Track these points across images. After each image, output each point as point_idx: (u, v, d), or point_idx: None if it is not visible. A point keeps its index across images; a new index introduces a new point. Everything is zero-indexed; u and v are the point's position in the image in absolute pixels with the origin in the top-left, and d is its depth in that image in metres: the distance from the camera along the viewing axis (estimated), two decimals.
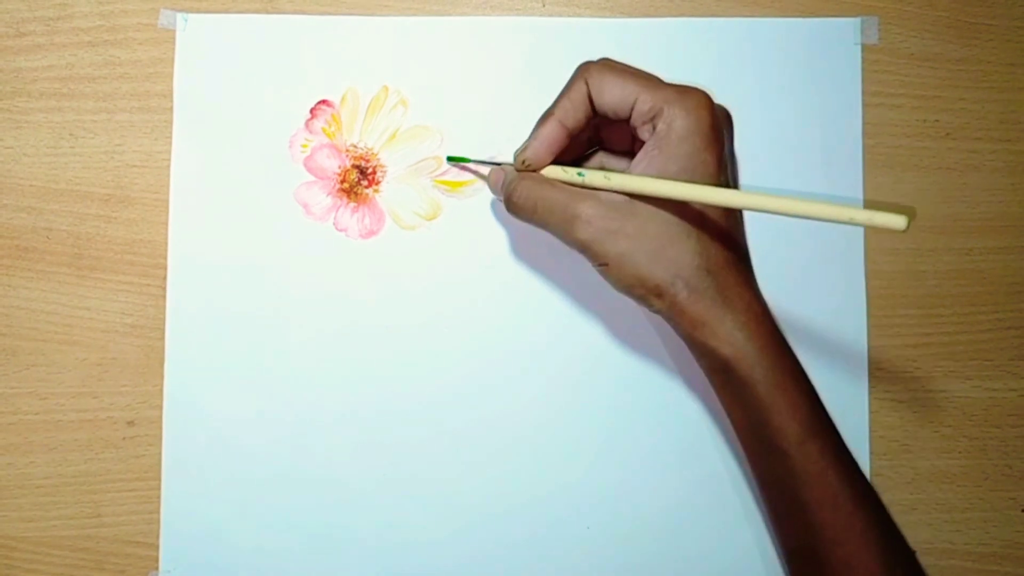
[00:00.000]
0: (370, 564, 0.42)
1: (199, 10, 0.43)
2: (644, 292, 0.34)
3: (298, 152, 0.43)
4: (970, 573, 0.43)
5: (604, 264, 0.35)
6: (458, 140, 0.43)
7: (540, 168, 0.36)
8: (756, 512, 0.42)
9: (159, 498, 0.42)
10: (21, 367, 0.43)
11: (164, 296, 0.42)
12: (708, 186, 0.32)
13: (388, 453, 0.42)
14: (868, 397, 0.43)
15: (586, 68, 0.35)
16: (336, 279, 0.43)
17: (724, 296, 0.34)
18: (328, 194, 0.43)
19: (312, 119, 0.43)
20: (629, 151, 0.37)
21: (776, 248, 0.43)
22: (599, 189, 0.35)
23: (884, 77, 0.43)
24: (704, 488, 0.42)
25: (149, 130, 0.43)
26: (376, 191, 0.43)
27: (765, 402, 0.34)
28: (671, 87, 0.34)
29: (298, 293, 0.43)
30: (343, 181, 0.43)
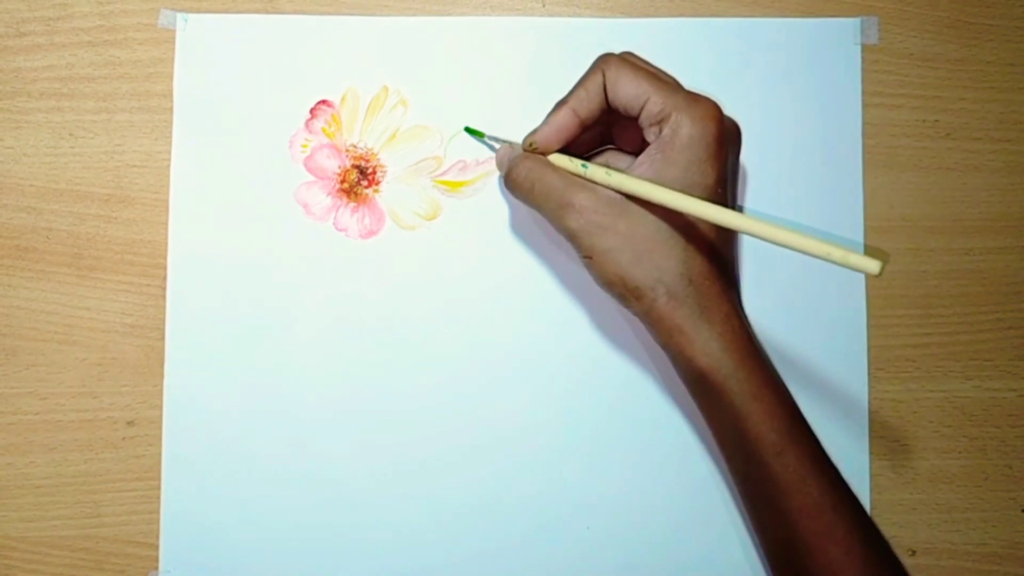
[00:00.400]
0: (370, 564, 0.42)
1: (199, 10, 0.43)
2: (624, 292, 0.35)
3: (298, 152, 0.43)
4: (970, 573, 0.43)
5: (589, 257, 0.35)
6: (458, 140, 0.43)
7: (547, 153, 0.36)
8: None
9: (159, 498, 0.42)
10: (21, 367, 0.43)
11: (164, 296, 0.42)
12: (699, 200, 0.32)
13: (388, 453, 0.42)
14: (868, 397, 0.43)
15: (605, 60, 0.35)
16: (336, 279, 0.43)
17: (703, 307, 0.34)
18: (328, 194, 0.43)
19: (312, 119, 0.43)
20: (638, 152, 0.37)
21: (776, 248, 0.42)
22: (598, 184, 0.35)
23: (884, 77, 0.43)
24: (705, 488, 0.42)
25: (149, 130, 0.43)
26: (376, 191, 0.43)
27: (742, 412, 0.34)
28: (683, 93, 0.34)
29: (298, 293, 0.43)
30: (343, 181, 0.43)
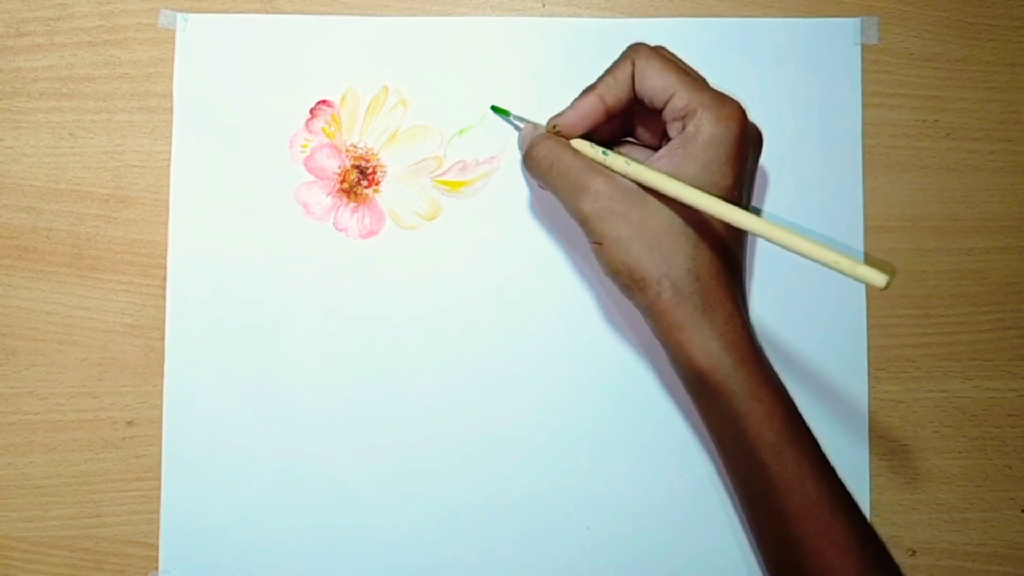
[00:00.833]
0: (370, 563, 0.42)
1: (199, 10, 0.43)
2: (629, 282, 0.35)
3: (298, 152, 0.43)
4: (970, 573, 0.43)
5: (599, 243, 0.35)
6: (458, 140, 0.43)
7: (570, 137, 0.36)
8: None
9: (159, 498, 0.42)
10: (21, 367, 0.42)
11: (164, 296, 0.42)
12: (714, 197, 0.32)
13: (388, 453, 0.42)
14: (868, 397, 0.43)
15: (636, 50, 0.35)
16: (336, 279, 0.43)
17: (707, 304, 0.34)
18: (328, 194, 0.43)
19: (312, 119, 0.43)
20: (658, 148, 0.36)
21: (777, 248, 0.42)
22: (616, 172, 0.35)
23: (884, 77, 0.43)
24: (704, 488, 0.42)
25: (149, 130, 0.43)
26: (376, 191, 0.43)
27: (740, 411, 0.34)
28: (709, 92, 0.34)
29: (298, 293, 0.42)
30: (343, 181, 0.43)
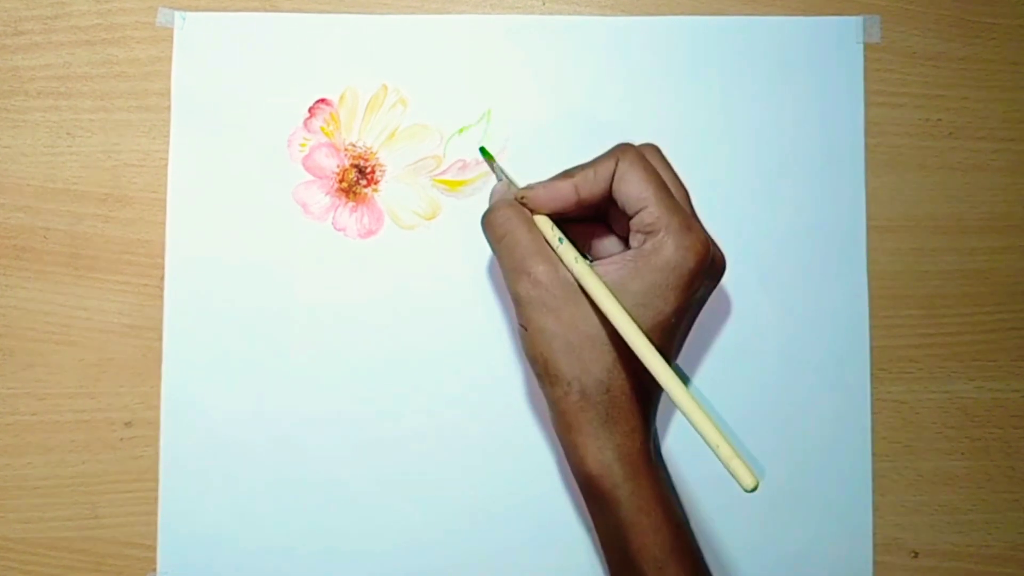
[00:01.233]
0: (369, 564, 0.42)
1: (197, 8, 0.43)
2: (543, 373, 0.35)
3: (296, 151, 0.43)
4: (973, 575, 0.42)
5: (524, 328, 0.35)
6: (457, 139, 0.43)
7: (535, 214, 0.36)
8: (757, 512, 0.42)
9: (157, 499, 0.42)
10: (18, 368, 0.42)
11: (162, 296, 0.42)
12: (640, 334, 0.32)
13: (387, 453, 0.42)
14: (870, 398, 0.42)
15: (624, 150, 0.35)
16: (335, 279, 0.42)
17: (611, 416, 0.34)
18: (327, 193, 0.43)
19: (311, 118, 0.43)
20: (625, 239, 0.36)
21: (778, 248, 0.42)
22: (563, 263, 0.34)
23: (886, 76, 0.43)
24: (706, 488, 0.42)
25: (147, 129, 0.43)
26: (375, 190, 0.43)
27: (626, 522, 0.34)
28: (680, 216, 0.33)
29: (296, 293, 0.42)
30: (342, 180, 0.43)
